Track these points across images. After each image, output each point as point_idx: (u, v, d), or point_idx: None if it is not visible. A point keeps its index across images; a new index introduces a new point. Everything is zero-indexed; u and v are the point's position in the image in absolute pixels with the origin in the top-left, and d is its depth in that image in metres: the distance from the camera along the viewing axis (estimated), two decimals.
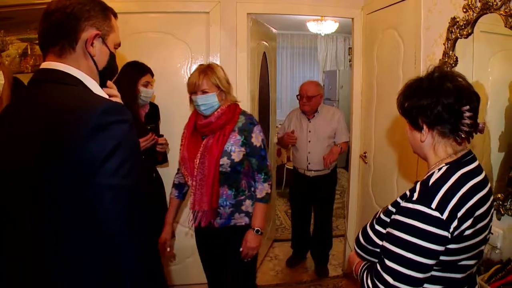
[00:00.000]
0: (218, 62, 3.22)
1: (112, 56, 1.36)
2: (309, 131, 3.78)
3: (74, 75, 1.24)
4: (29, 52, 3.15)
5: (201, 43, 3.28)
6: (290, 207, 4.26)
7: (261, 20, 3.80)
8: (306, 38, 8.77)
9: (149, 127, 2.71)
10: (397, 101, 1.45)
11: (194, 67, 3.24)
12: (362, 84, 3.50)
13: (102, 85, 1.38)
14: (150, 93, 2.78)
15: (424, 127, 1.37)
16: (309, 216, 4.09)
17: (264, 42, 3.97)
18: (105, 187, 1.07)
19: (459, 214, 1.22)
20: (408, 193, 1.34)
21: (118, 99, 1.45)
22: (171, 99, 3.24)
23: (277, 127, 7.29)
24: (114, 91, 1.50)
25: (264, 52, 4.00)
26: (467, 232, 1.24)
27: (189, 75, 3.23)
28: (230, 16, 3.24)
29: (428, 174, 1.37)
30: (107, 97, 1.32)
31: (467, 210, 1.24)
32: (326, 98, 8.32)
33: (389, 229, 1.33)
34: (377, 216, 1.48)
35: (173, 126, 3.19)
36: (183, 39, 3.26)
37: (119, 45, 1.42)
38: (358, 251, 1.54)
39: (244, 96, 3.33)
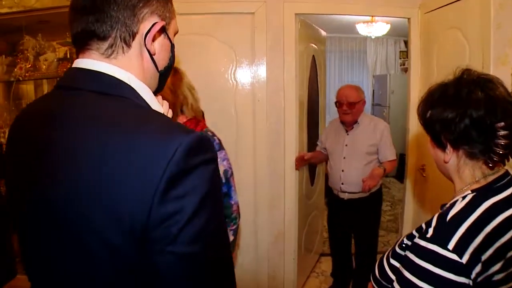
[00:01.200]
0: (264, 66, 3.08)
1: (173, 50, 1.03)
2: (345, 145, 3.22)
3: (127, 82, 0.90)
4: (68, 56, 3.08)
5: (246, 45, 3.10)
6: (328, 231, 3.61)
7: (310, 22, 3.59)
8: (355, 41, 8.46)
9: None
10: (418, 110, 1.23)
11: (238, 71, 3.10)
12: (420, 90, 3.23)
13: (159, 90, 1.06)
14: None
15: (448, 145, 1.15)
16: (348, 245, 3.49)
17: (313, 45, 3.76)
18: (179, 257, 0.76)
19: (484, 257, 0.99)
20: (424, 226, 1.12)
21: (166, 106, 1.10)
22: (214, 105, 3.08)
23: None
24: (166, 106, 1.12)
25: (313, 56, 3.79)
26: (497, 277, 1.00)
27: (233, 79, 3.14)
28: (277, 17, 3.05)
29: (451, 202, 1.14)
30: (164, 110, 1.02)
31: (495, 251, 1.00)
32: (376, 104, 8.00)
33: (400, 267, 1.12)
34: (392, 249, 1.26)
35: (220, 133, 2.99)
36: (227, 41, 3.10)
37: (177, 32, 1.07)
38: (375, 286, 1.30)
39: (292, 102, 3.15)
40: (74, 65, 0.91)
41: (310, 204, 3.80)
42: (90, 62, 0.89)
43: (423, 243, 1.04)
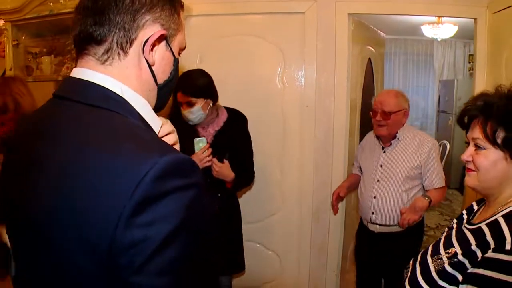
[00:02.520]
0: (313, 69, 2.91)
1: (177, 65, 0.97)
2: (380, 165, 2.68)
3: (120, 94, 0.85)
4: None
5: (295, 47, 2.94)
6: (355, 270, 3.01)
7: (367, 23, 3.37)
8: (421, 43, 8.03)
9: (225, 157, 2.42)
10: (485, 127, 1.21)
11: (287, 73, 2.96)
12: None
13: (161, 106, 0.99)
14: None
15: None
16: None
17: (370, 47, 3.53)
18: None
19: None
20: (491, 240, 1.08)
21: (173, 137, 1.02)
22: (260, 109, 2.95)
23: None
24: (168, 125, 1.03)
25: (370, 58, 3.56)
26: None
27: (281, 83, 2.98)
28: (328, 17, 2.86)
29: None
30: (163, 131, 0.96)
31: None
32: (441, 111, 7.57)
33: None
34: (436, 267, 1.21)
35: (265, 139, 2.92)
36: (275, 42, 2.95)
37: (184, 49, 1.01)
38: None
39: (343, 108, 2.95)
40: (71, 74, 0.88)
41: (358, 216, 3.55)
42: (83, 71, 0.86)
43: (506, 257, 1.02)
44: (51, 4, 2.97)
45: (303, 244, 3.08)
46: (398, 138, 2.63)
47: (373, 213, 2.65)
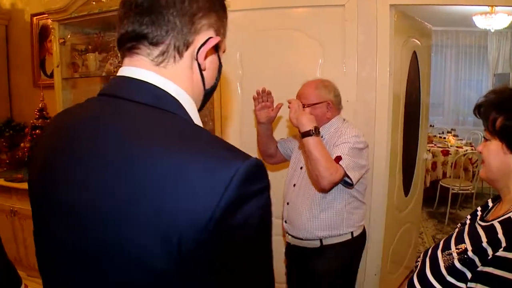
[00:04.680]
0: (354, 62, 2.83)
1: (221, 70, 0.97)
2: (300, 168, 2.37)
3: (175, 95, 0.83)
4: None
5: (335, 40, 2.86)
6: None
7: (411, 14, 3.24)
8: (474, 35, 7.70)
9: None
10: (486, 114, 1.23)
11: (326, 68, 2.89)
12: None
13: (200, 110, 0.97)
14: None
15: None
16: None
17: (415, 40, 3.39)
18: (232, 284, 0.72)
19: None
20: (502, 237, 1.06)
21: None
22: None
23: (435, 136, 6.60)
24: None
25: (414, 51, 3.42)
26: None
27: (320, 76, 2.90)
28: (370, 8, 2.77)
29: None
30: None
31: None
32: None
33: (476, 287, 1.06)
34: (445, 263, 1.18)
35: None
36: (315, 36, 2.89)
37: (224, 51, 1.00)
38: None
39: (385, 102, 2.86)
40: (120, 73, 0.85)
41: (402, 217, 3.44)
42: (138, 71, 0.83)
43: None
44: (93, 3, 3.04)
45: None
46: (322, 137, 2.22)
47: (285, 222, 2.40)
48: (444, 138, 6.56)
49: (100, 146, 0.76)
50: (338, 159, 2.05)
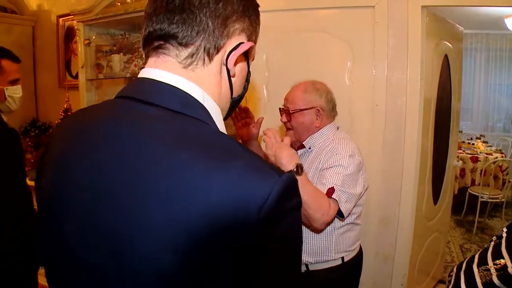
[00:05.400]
0: (384, 66, 2.73)
1: (249, 79, 0.93)
2: None
3: (201, 101, 0.78)
4: None
5: (365, 42, 2.77)
6: None
7: (443, 16, 3.13)
8: (505, 38, 7.48)
9: None
10: None
11: (355, 71, 2.80)
12: None
13: (226, 118, 0.91)
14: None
15: None
16: None
17: (446, 43, 3.28)
18: None
19: None
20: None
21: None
22: None
23: (463, 142, 6.43)
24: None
25: (446, 55, 3.31)
26: None
27: (349, 81, 2.83)
28: (400, 10, 2.67)
29: None
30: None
31: None
32: None
33: None
34: (482, 279, 1.09)
35: None
36: (343, 38, 2.81)
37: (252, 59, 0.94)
38: None
39: (415, 108, 2.74)
40: (145, 75, 0.80)
41: (431, 225, 3.33)
42: (164, 74, 0.78)
43: None
44: (118, 4, 3.03)
45: (368, 251, 2.88)
46: (309, 148, 2.08)
47: None
48: (473, 144, 6.40)
49: (118, 151, 0.71)
50: (330, 192, 1.80)
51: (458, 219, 5.54)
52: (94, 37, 3.37)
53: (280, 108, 2.16)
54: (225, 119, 0.89)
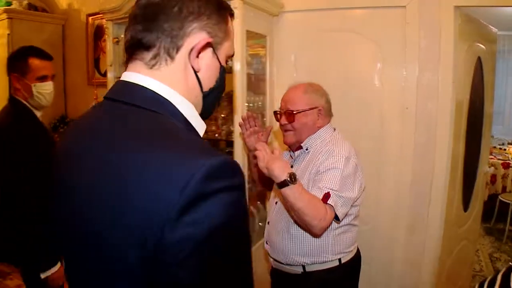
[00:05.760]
0: (415, 68, 2.67)
1: (223, 72, 1.00)
2: None
3: (167, 97, 0.89)
4: None
5: (395, 43, 2.71)
6: None
7: (476, 17, 3.03)
8: None
9: None
10: None
11: (385, 72, 2.76)
12: None
13: (207, 113, 1.02)
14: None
15: None
16: None
17: (479, 45, 3.18)
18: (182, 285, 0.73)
19: None
20: None
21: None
22: (356, 110, 2.82)
23: (494, 147, 6.25)
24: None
25: (479, 57, 3.21)
26: None
27: (378, 83, 2.77)
28: (432, 10, 2.60)
29: None
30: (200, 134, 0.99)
31: None
32: None
33: None
34: None
35: (360, 141, 2.69)
36: (373, 38, 2.76)
37: (232, 56, 1.04)
38: None
39: (446, 111, 2.67)
40: (122, 78, 0.94)
41: (460, 233, 3.23)
42: (133, 75, 0.91)
43: None
44: None
45: (395, 258, 2.85)
46: (306, 149, 2.08)
47: (266, 243, 2.19)
48: (505, 149, 6.23)
49: (93, 146, 0.86)
50: (326, 197, 1.80)
51: (488, 227, 5.40)
52: (122, 36, 3.37)
53: (275, 111, 2.16)
54: (207, 112, 1.02)
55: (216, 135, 2.83)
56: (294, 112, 2.03)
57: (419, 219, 2.75)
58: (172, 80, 0.90)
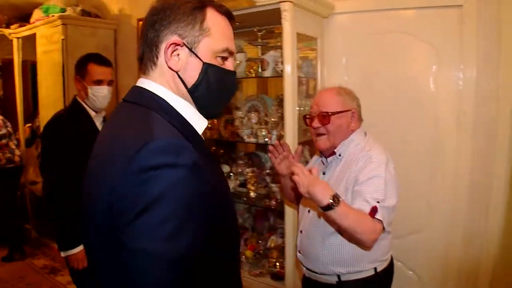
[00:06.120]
0: (473, 70, 2.54)
1: (207, 68, 1.07)
2: None
3: (157, 93, 1.07)
4: (260, 55, 3.01)
5: (451, 45, 2.59)
6: None
7: None
8: None
9: None
10: None
11: (440, 75, 2.64)
12: None
13: (208, 110, 1.14)
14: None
15: None
16: None
17: None
18: (133, 251, 0.86)
19: None
20: None
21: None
22: (408, 114, 2.72)
23: None
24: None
25: None
26: None
27: (433, 86, 2.66)
28: (492, 9, 2.45)
29: None
30: (198, 129, 1.13)
31: None
32: None
33: None
34: None
35: (414, 146, 2.65)
36: (428, 40, 2.64)
37: (228, 52, 1.12)
38: None
39: (509, 114, 2.50)
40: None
41: None
42: (139, 80, 1.12)
43: None
44: None
45: (449, 269, 2.70)
46: (339, 155, 2.01)
47: (299, 252, 2.11)
48: None
49: (101, 135, 1.15)
50: (373, 211, 1.74)
51: None
52: None
53: (305, 116, 2.11)
54: (208, 109, 1.15)
55: (266, 139, 2.80)
56: (329, 114, 1.96)
57: (476, 231, 2.60)
58: (161, 81, 1.08)
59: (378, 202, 1.76)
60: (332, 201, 1.65)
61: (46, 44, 4.65)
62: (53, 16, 4.45)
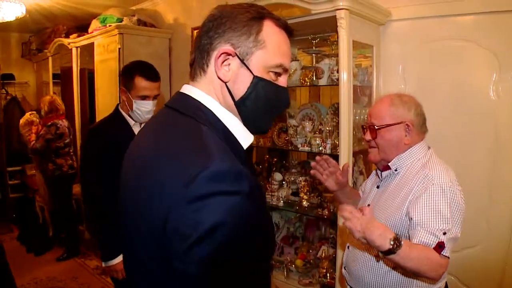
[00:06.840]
0: None
1: (258, 83, 1.01)
2: (368, 205, 1.91)
3: (205, 103, 1.03)
4: (313, 64, 3.00)
5: None
6: None
7: None
8: None
9: None
10: None
11: (502, 83, 2.53)
12: None
13: (252, 125, 1.08)
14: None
15: None
16: None
17: None
18: (186, 276, 0.85)
19: None
20: None
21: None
22: (467, 123, 2.63)
23: None
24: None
25: None
26: None
27: (495, 94, 2.56)
28: None
29: None
30: (244, 144, 1.08)
31: None
32: None
33: None
34: None
35: (472, 157, 2.57)
36: (489, 47, 2.55)
37: (282, 68, 1.05)
38: None
39: None
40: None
41: None
42: (185, 86, 1.08)
43: None
44: None
45: (506, 284, 2.59)
46: (396, 170, 1.83)
47: (344, 268, 1.96)
48: None
49: (141, 142, 1.10)
50: (440, 248, 1.54)
51: None
52: None
53: (363, 126, 1.95)
54: (254, 125, 1.08)
55: (321, 148, 2.78)
56: (376, 127, 1.81)
57: None
58: (209, 90, 1.03)
59: (444, 233, 1.56)
60: (393, 245, 1.47)
61: (103, 53, 4.82)
62: (110, 26, 4.62)
